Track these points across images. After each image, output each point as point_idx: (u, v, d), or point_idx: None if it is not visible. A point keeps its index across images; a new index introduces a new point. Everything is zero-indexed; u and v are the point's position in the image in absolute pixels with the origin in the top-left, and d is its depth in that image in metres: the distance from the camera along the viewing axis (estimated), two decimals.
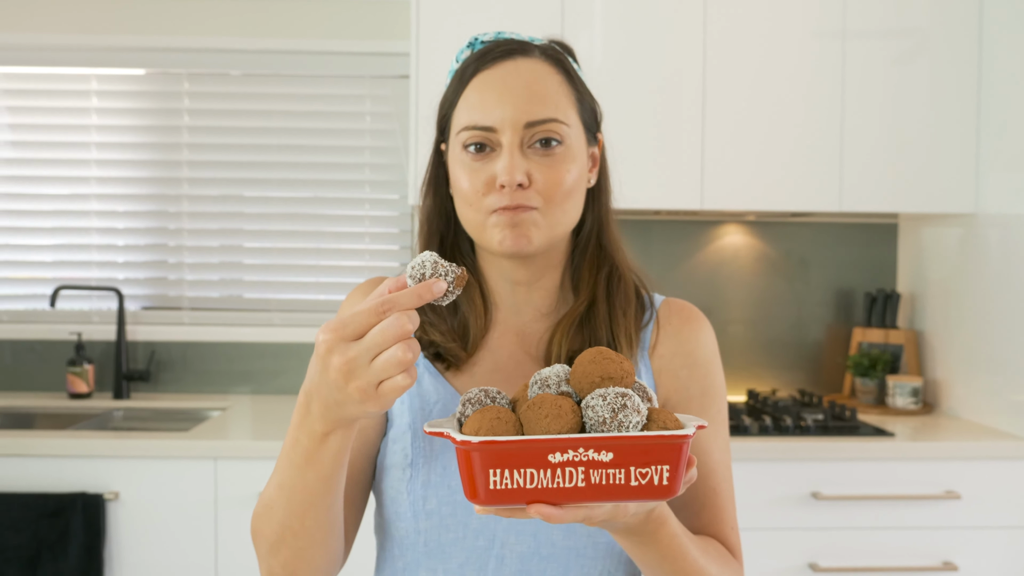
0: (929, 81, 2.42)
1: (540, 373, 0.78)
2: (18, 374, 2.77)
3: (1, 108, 2.79)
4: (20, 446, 2.10)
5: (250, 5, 2.77)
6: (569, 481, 0.69)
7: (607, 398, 0.71)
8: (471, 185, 0.92)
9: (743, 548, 2.12)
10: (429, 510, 0.92)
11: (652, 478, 0.69)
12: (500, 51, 0.94)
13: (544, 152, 0.91)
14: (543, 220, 0.92)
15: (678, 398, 1.00)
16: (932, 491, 2.16)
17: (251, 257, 2.83)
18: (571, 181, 0.93)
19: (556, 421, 0.70)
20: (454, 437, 0.70)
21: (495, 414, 0.71)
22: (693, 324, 1.03)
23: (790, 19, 2.40)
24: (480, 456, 0.68)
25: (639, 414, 0.70)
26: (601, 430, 0.70)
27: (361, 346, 0.69)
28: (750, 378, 2.83)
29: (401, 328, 0.68)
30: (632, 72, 2.39)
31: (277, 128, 2.81)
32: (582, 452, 0.68)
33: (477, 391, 0.78)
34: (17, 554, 2.07)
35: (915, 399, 2.54)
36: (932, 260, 2.66)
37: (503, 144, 0.91)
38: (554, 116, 0.91)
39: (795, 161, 2.41)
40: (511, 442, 0.68)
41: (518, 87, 0.91)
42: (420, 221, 1.03)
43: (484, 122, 0.91)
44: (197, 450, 2.10)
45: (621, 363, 0.74)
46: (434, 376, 0.98)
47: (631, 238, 2.77)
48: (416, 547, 0.94)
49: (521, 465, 0.68)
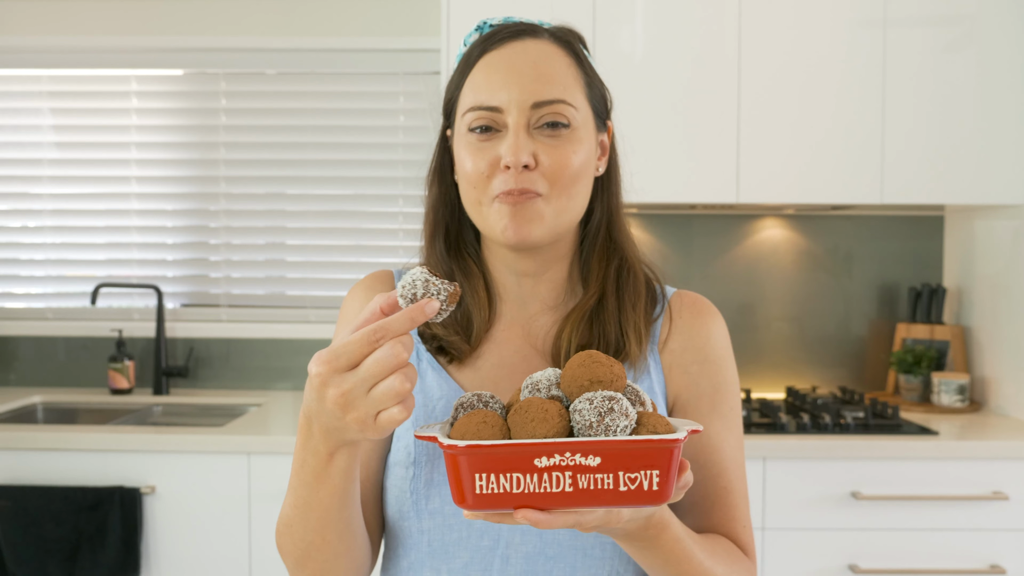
0: (977, 69, 2.34)
1: (532, 377, 0.77)
2: (62, 370, 2.83)
3: (45, 110, 2.85)
4: (61, 440, 2.14)
5: (283, 5, 2.80)
6: (556, 486, 0.67)
7: (594, 402, 0.69)
8: (475, 166, 0.89)
9: (779, 548, 2.08)
10: (432, 509, 0.90)
11: (641, 483, 0.68)
12: (507, 32, 0.91)
13: (551, 134, 0.89)
14: (548, 208, 0.89)
15: (688, 394, 0.97)
16: (978, 491, 2.09)
17: (288, 254, 2.85)
18: (578, 164, 0.90)
19: (542, 425, 0.69)
20: (441, 441, 0.69)
21: (482, 418, 0.71)
22: (705, 318, 1.00)
23: (827, 8, 2.34)
24: (466, 460, 0.67)
25: (627, 418, 0.69)
26: (588, 434, 0.68)
27: (356, 377, 0.68)
28: (789, 375, 2.77)
29: (396, 358, 0.67)
30: (666, 64, 2.35)
31: (312, 126, 2.83)
32: (568, 457, 0.67)
33: (470, 395, 0.77)
34: (59, 546, 2.11)
35: (961, 397, 2.46)
36: (982, 253, 2.58)
37: (509, 125, 0.88)
38: (562, 97, 0.89)
39: (833, 153, 2.35)
40: (496, 446, 0.67)
41: (525, 67, 0.89)
42: (425, 211, 1.00)
43: (490, 102, 0.88)
44: (230, 445, 2.12)
45: (611, 366, 0.73)
46: (437, 372, 0.96)
47: (669, 232, 2.75)
48: (420, 546, 0.92)
49: (507, 470, 0.67)
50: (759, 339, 2.78)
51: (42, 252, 2.87)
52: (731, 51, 2.35)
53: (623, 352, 0.93)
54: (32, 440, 2.14)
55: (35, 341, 2.84)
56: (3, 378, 2.84)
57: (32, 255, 2.87)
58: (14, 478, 2.14)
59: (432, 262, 0.98)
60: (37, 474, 2.15)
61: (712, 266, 2.77)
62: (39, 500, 2.10)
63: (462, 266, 0.98)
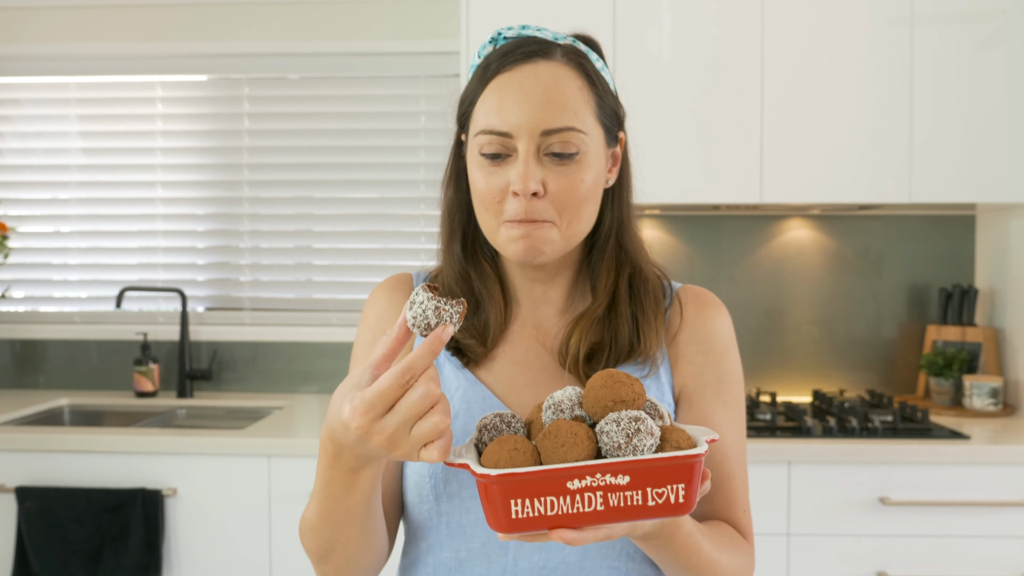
0: (1007, 66, 2.28)
1: (553, 397, 0.79)
2: (89, 373, 2.87)
3: (72, 116, 2.89)
4: (85, 442, 2.16)
5: (305, 9, 2.81)
6: (588, 506, 0.71)
7: (621, 423, 0.72)
8: (487, 189, 0.92)
9: (804, 554, 2.04)
10: (450, 492, 0.93)
11: (668, 497, 0.71)
12: (520, 53, 0.92)
13: (559, 162, 0.90)
14: (558, 235, 0.92)
15: (693, 384, 1.00)
16: (1012, 497, 2.03)
17: (311, 257, 2.86)
18: (585, 190, 0.92)
19: (573, 449, 0.72)
20: (474, 470, 0.72)
21: (512, 445, 0.73)
22: (708, 310, 1.03)
23: (852, 5, 2.30)
24: (500, 488, 0.71)
25: (653, 436, 0.72)
26: (617, 455, 0.72)
27: (397, 419, 0.71)
28: (816, 378, 2.72)
29: (431, 395, 0.71)
30: (689, 64, 2.33)
31: (334, 129, 2.84)
32: (599, 477, 0.70)
33: (492, 416, 0.79)
34: (82, 547, 2.13)
35: (994, 400, 2.40)
36: (1016, 253, 2.51)
37: (519, 151, 0.90)
38: (571, 125, 0.90)
39: (859, 152, 2.31)
40: (530, 473, 0.70)
41: (536, 94, 0.90)
42: (442, 215, 1.02)
43: (501, 127, 0.90)
44: (251, 447, 2.13)
45: (632, 385, 0.75)
46: (453, 363, 0.99)
47: (694, 234, 2.72)
48: (439, 528, 0.95)
49: (541, 494, 0.71)
50: (785, 341, 2.73)
51: (71, 257, 2.91)
52: (754, 50, 2.32)
53: (637, 351, 0.96)
54: (57, 442, 2.16)
55: (63, 344, 2.87)
56: (32, 381, 2.88)
57: (61, 259, 2.91)
58: (39, 479, 2.17)
59: (449, 263, 1.01)
60: (62, 476, 2.17)
61: (738, 268, 2.73)
62: (63, 501, 2.12)
63: (478, 268, 1.01)
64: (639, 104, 2.35)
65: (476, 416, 0.95)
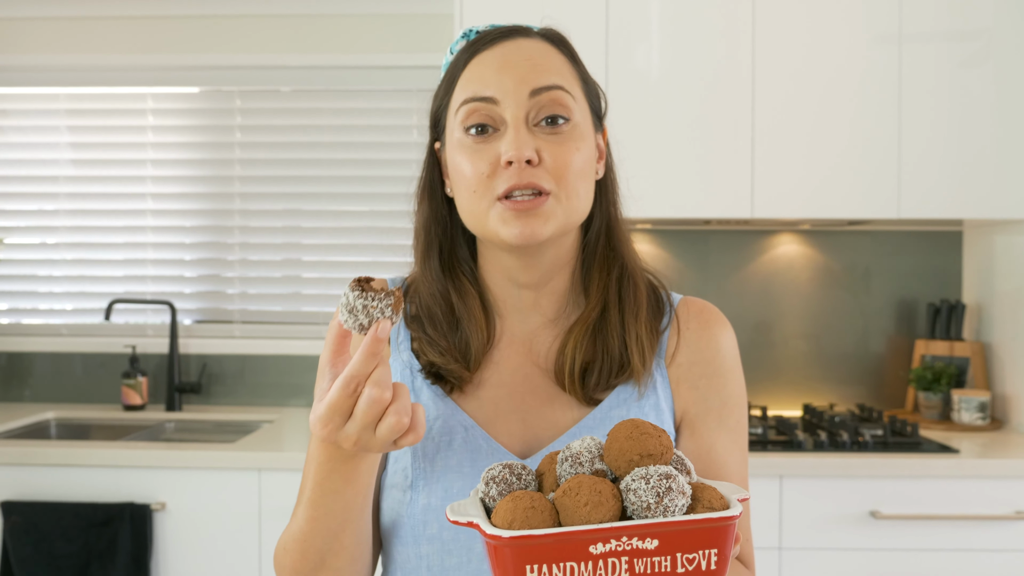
0: (995, 83, 2.31)
1: (570, 448, 0.72)
2: (76, 386, 2.84)
3: (62, 127, 2.87)
4: (72, 456, 2.14)
5: (297, 22, 2.81)
6: (612, 572, 0.64)
7: (650, 481, 0.65)
8: (474, 169, 0.85)
9: (795, 568, 2.05)
10: (430, 535, 0.87)
11: (700, 563, 0.64)
12: (497, 33, 0.89)
13: (552, 130, 0.85)
14: (559, 207, 0.85)
15: (696, 409, 0.94)
16: (1000, 511, 2.04)
17: (301, 270, 2.86)
18: (581, 162, 0.86)
19: (597, 509, 0.65)
20: (485, 531, 0.65)
21: (529, 503, 0.66)
22: (713, 329, 0.96)
23: (842, 24, 2.33)
24: (514, 552, 0.63)
25: (684, 496, 0.65)
26: (645, 516, 0.65)
27: (356, 426, 0.71)
28: (807, 392, 2.73)
29: (379, 401, 0.70)
30: (680, 80, 2.35)
31: (326, 143, 2.84)
32: (626, 541, 0.63)
33: (500, 468, 0.72)
34: (69, 563, 2.11)
35: (983, 414, 2.42)
36: (1002, 269, 2.54)
37: (507, 120, 0.85)
38: (559, 83, 0.86)
39: (849, 168, 2.33)
40: (549, 535, 0.63)
41: (520, 59, 0.86)
42: (415, 230, 0.96)
43: (484, 92, 0.85)
44: (241, 461, 2.11)
45: (659, 437, 0.69)
46: (435, 393, 0.92)
47: (684, 249, 2.74)
48: (419, 571, 0.88)
49: (560, 559, 0.63)
50: (775, 356, 2.74)
51: (58, 268, 2.88)
52: (745, 67, 2.34)
53: (627, 369, 0.90)
54: (43, 456, 2.14)
55: (50, 357, 2.85)
56: (18, 394, 2.85)
57: (48, 271, 2.88)
58: (25, 494, 2.14)
59: (427, 280, 0.95)
60: (48, 490, 2.14)
61: (727, 282, 2.75)
62: (50, 516, 2.10)
63: (457, 285, 0.94)
64: (630, 119, 2.38)
65: (457, 449, 0.88)
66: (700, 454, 0.93)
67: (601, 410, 0.90)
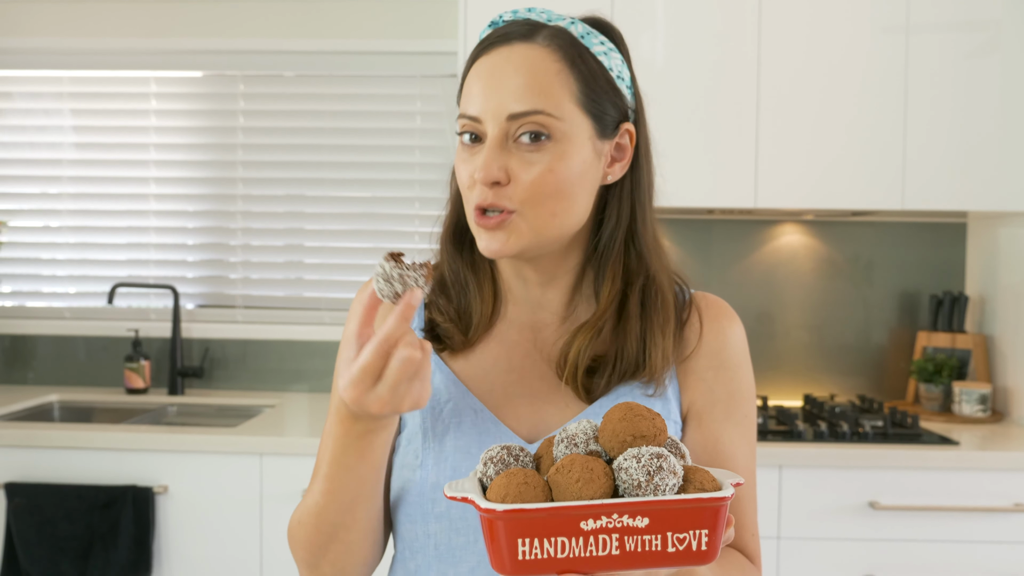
0: (1001, 75, 2.30)
1: (566, 429, 0.73)
2: (80, 369, 2.85)
3: (65, 111, 2.87)
4: (75, 439, 2.15)
5: (302, 7, 2.80)
6: (603, 549, 0.65)
7: (641, 460, 0.66)
8: (462, 175, 0.89)
9: (794, 558, 2.06)
10: (439, 513, 0.89)
11: (690, 543, 0.65)
12: (498, 36, 0.89)
13: (531, 148, 0.85)
14: (524, 223, 0.86)
15: (703, 401, 0.94)
16: (999, 503, 2.05)
17: (304, 255, 2.86)
18: (557, 181, 0.85)
19: (588, 486, 0.66)
20: (479, 504, 0.66)
21: (523, 478, 0.67)
22: (722, 323, 0.97)
23: (848, 14, 2.31)
24: (507, 525, 0.65)
25: (675, 476, 0.66)
26: (636, 494, 0.66)
27: (387, 386, 0.74)
28: (808, 383, 2.74)
29: (412, 360, 0.73)
30: (685, 69, 2.34)
31: (329, 128, 2.83)
32: (616, 518, 0.65)
33: (499, 448, 0.74)
34: (71, 544, 2.12)
35: (983, 407, 2.42)
36: (1006, 261, 2.53)
37: (488, 136, 0.86)
38: (540, 108, 0.84)
39: (853, 158, 2.32)
40: (541, 510, 0.65)
41: (506, 76, 0.86)
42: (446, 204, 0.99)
43: (470, 111, 0.87)
44: (243, 446, 2.12)
45: (653, 420, 0.70)
46: (441, 370, 0.94)
47: (687, 238, 2.73)
48: (427, 549, 0.90)
49: (551, 534, 0.65)
50: (777, 346, 2.75)
51: (61, 252, 2.89)
52: (750, 56, 2.33)
53: (644, 370, 0.90)
54: (47, 438, 2.15)
55: (53, 340, 2.85)
56: (22, 376, 2.86)
57: (52, 255, 2.89)
58: (29, 476, 2.15)
59: (446, 252, 0.98)
60: (51, 472, 2.15)
61: (730, 272, 2.74)
62: (53, 498, 2.11)
63: (471, 262, 0.97)
64: None
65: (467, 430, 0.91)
66: (706, 446, 0.93)
67: (608, 399, 0.91)
